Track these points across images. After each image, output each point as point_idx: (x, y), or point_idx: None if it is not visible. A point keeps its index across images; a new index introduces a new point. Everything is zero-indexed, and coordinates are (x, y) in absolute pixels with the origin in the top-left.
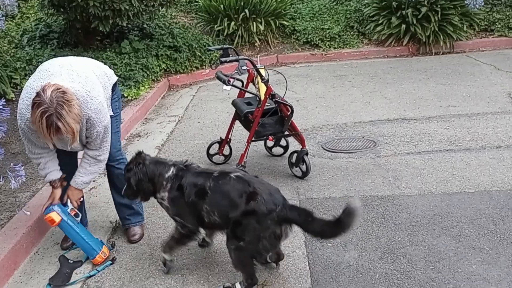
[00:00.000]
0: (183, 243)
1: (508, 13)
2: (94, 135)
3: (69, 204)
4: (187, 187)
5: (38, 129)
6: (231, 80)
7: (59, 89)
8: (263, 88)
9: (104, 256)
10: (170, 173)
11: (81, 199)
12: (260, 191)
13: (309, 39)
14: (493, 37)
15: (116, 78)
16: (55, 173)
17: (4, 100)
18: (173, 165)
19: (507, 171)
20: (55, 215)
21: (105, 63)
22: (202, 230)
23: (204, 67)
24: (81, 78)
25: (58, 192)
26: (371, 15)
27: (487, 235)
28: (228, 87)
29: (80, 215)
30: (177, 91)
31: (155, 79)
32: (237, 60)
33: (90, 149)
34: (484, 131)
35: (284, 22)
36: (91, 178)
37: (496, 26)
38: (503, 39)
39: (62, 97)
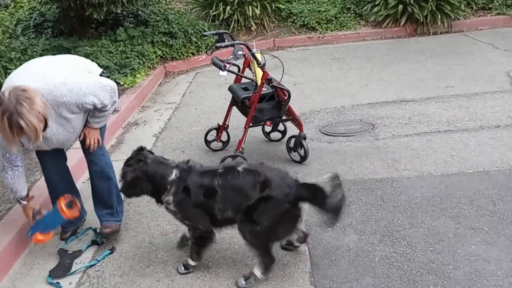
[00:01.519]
0: (203, 245)
1: None
2: (97, 105)
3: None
4: (193, 188)
5: (2, 132)
6: (227, 65)
7: (20, 88)
8: (259, 73)
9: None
10: (173, 176)
11: (99, 143)
12: (272, 177)
13: (305, 22)
14: (491, 16)
15: (100, 70)
16: (25, 188)
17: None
18: (176, 167)
19: (506, 150)
20: (40, 236)
21: (100, 51)
22: None
23: (200, 53)
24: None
25: (29, 207)
26: None
27: (486, 216)
28: (224, 73)
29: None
30: (174, 77)
31: (151, 66)
32: (232, 45)
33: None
34: (483, 111)
35: (280, 5)
36: (104, 122)
37: (494, 4)
38: (501, 17)
39: (22, 95)
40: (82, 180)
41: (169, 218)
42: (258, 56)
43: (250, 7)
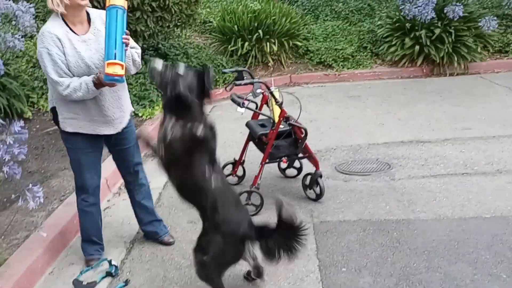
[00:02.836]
0: None
1: None
2: None
3: None
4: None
5: None
6: (246, 102)
7: None
8: (277, 111)
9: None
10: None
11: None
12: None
13: (322, 60)
14: (507, 59)
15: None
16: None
17: (23, 122)
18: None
19: None
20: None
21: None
22: None
23: (218, 86)
24: None
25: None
26: (384, 36)
27: (504, 262)
28: (242, 109)
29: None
30: None
31: None
32: (251, 83)
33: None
34: (500, 155)
35: (298, 43)
36: (134, 58)
37: (511, 47)
38: None
39: None
40: None
41: (183, 252)
42: (276, 94)
43: (267, 43)
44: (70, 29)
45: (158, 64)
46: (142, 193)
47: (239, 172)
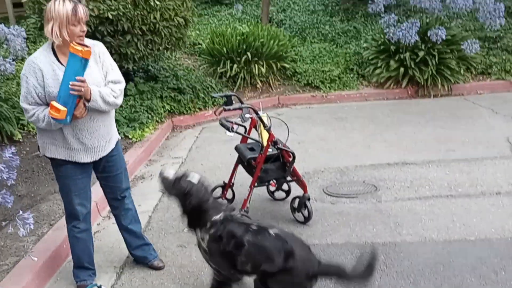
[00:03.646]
0: None
1: (504, 57)
2: (109, 65)
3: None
4: (226, 237)
5: (63, 15)
6: (235, 127)
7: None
8: (265, 135)
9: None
10: (217, 217)
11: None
12: (297, 250)
13: (309, 81)
14: (490, 80)
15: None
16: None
17: (14, 149)
18: (223, 211)
19: (507, 218)
20: (55, 104)
21: None
22: None
23: (207, 108)
24: None
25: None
26: (370, 58)
27: (489, 285)
28: (232, 134)
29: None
30: (181, 131)
31: (159, 120)
32: (240, 108)
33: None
34: (484, 177)
35: (285, 65)
36: (106, 100)
37: (493, 69)
38: (500, 82)
39: None
40: None
41: (173, 276)
42: (265, 119)
43: (256, 65)
44: (57, 59)
45: (169, 173)
46: (129, 218)
47: (229, 195)
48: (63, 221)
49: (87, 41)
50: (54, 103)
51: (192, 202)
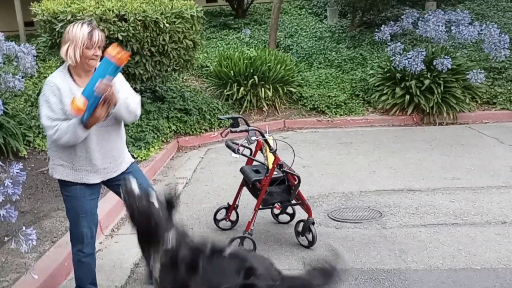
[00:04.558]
0: None
1: (509, 87)
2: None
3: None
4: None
5: (79, 38)
6: (240, 149)
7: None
8: (271, 158)
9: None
10: (169, 245)
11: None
12: (257, 266)
13: (315, 106)
14: (495, 110)
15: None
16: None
17: (21, 165)
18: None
19: None
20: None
21: None
22: None
23: (213, 129)
24: None
25: None
26: (376, 85)
27: None
28: (237, 155)
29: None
30: (186, 152)
31: (165, 140)
32: (246, 130)
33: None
34: (489, 206)
35: (292, 89)
36: (129, 108)
37: (498, 99)
38: (505, 112)
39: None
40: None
41: None
42: (270, 141)
43: (262, 89)
44: (73, 80)
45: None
46: None
47: (233, 217)
48: (66, 238)
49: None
50: (76, 97)
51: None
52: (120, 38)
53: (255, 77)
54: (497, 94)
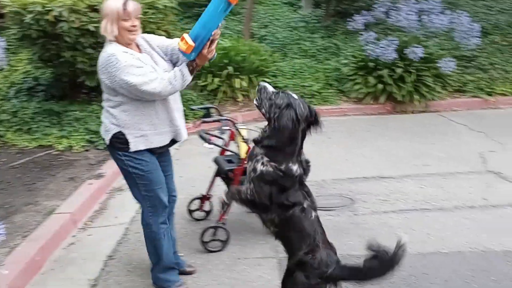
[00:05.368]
0: (241, 201)
1: (479, 75)
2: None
3: None
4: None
5: (114, 11)
6: (213, 139)
7: None
8: (243, 147)
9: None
10: (295, 168)
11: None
12: (321, 248)
13: None
14: (465, 98)
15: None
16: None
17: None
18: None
19: (480, 232)
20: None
21: (90, 116)
22: None
23: (187, 121)
24: None
25: None
26: (349, 74)
27: None
28: (210, 145)
29: None
30: None
31: None
32: (219, 120)
33: None
34: (457, 191)
35: (266, 79)
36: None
37: (468, 87)
38: (475, 100)
39: None
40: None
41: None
42: (243, 131)
43: (237, 79)
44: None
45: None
46: (172, 223)
47: (206, 207)
48: (38, 232)
49: (144, 36)
50: (185, 35)
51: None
52: (92, 29)
53: (230, 67)
54: (467, 82)
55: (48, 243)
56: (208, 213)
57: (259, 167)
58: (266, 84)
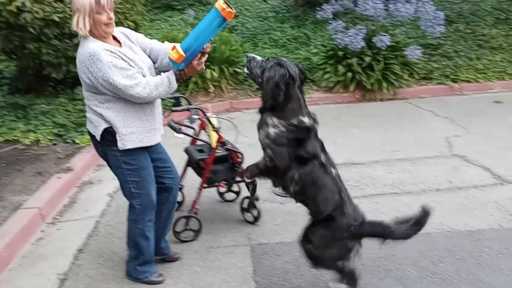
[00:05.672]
0: (265, 174)
1: (444, 63)
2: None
3: None
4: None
5: (86, 5)
6: (182, 128)
7: None
8: (214, 136)
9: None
10: (306, 120)
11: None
12: (347, 203)
13: None
14: (431, 85)
15: None
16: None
17: None
18: (310, 117)
19: (446, 213)
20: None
21: (57, 109)
22: None
23: None
24: None
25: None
26: (319, 63)
27: (428, 277)
28: (180, 135)
29: None
30: None
31: None
32: (188, 109)
33: None
34: (425, 175)
35: (238, 69)
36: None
37: (434, 74)
38: (440, 87)
39: None
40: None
41: (120, 281)
42: (213, 120)
43: (208, 70)
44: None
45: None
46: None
47: (179, 197)
48: (5, 228)
49: (117, 30)
50: (177, 45)
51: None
52: (57, 19)
53: None
54: (433, 70)
55: (15, 238)
56: (180, 203)
57: (271, 130)
58: (254, 55)
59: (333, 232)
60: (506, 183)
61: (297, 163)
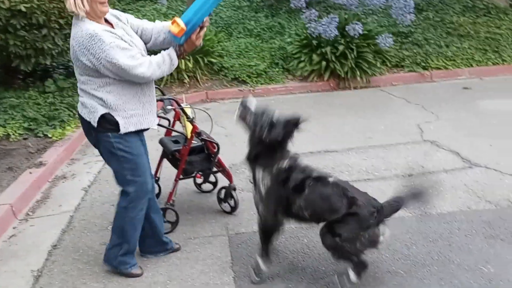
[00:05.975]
0: (269, 236)
1: (415, 51)
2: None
3: None
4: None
5: None
6: (156, 119)
7: None
8: (189, 127)
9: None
10: (284, 164)
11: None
12: (358, 196)
13: (236, 76)
14: (403, 73)
15: None
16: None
17: None
18: (289, 158)
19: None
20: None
21: (27, 103)
22: None
23: None
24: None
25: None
26: (294, 52)
27: (401, 259)
28: (155, 126)
29: None
30: None
31: None
32: (161, 100)
33: None
34: (397, 161)
35: (212, 60)
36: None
37: (405, 62)
38: (412, 74)
39: None
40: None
41: (96, 276)
42: (188, 110)
43: (183, 60)
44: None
45: (252, 103)
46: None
47: (155, 189)
48: None
49: (111, 12)
50: (177, 19)
51: (272, 138)
52: (24, 9)
53: None
54: (404, 57)
55: None
56: (157, 195)
57: (262, 186)
58: (251, 100)
59: (360, 223)
60: (474, 166)
61: (295, 195)
